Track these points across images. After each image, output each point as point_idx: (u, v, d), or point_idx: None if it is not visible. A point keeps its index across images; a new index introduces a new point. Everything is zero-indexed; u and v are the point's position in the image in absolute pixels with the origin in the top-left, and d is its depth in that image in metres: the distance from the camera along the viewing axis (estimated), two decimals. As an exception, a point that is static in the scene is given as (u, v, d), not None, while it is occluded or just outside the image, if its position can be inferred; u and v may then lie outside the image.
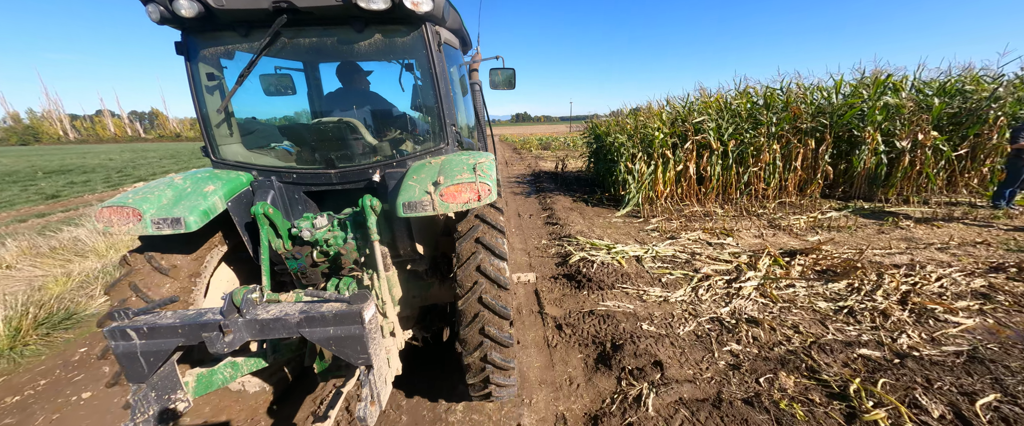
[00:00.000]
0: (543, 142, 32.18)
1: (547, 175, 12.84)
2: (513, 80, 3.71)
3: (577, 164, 15.24)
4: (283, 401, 2.94)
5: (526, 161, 18.67)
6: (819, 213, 6.79)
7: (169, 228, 2.01)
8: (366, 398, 1.63)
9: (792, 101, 7.47)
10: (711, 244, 5.54)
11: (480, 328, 2.19)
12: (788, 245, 5.40)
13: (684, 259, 4.99)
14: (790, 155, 7.50)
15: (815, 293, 4.00)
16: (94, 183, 14.28)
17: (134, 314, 1.63)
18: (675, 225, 6.52)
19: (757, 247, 5.37)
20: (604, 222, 7.02)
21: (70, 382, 3.26)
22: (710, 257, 4.99)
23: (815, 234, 5.84)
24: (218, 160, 2.52)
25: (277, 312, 1.63)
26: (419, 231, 2.54)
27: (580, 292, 4.21)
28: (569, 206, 8.18)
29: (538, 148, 27.98)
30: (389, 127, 3.02)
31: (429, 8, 2.15)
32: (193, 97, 2.39)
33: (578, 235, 5.94)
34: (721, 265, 4.75)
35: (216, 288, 2.56)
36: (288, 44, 2.31)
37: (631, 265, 4.82)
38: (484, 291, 2.16)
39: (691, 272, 4.59)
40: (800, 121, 7.37)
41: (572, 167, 14.24)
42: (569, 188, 10.26)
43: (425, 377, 3.07)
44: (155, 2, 2.01)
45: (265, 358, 2.16)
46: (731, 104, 7.85)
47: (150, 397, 1.67)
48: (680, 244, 5.60)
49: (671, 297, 4.02)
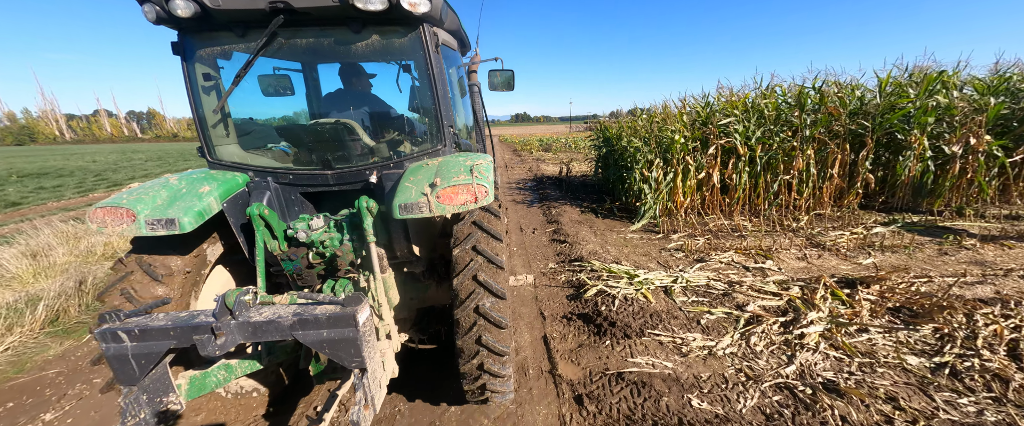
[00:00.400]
0: (544, 143, 31.25)
1: (550, 181, 11.98)
2: (512, 81, 3.65)
3: (582, 168, 14.41)
4: (278, 403, 2.87)
5: (527, 164, 17.81)
6: (862, 228, 5.97)
7: (163, 229, 1.98)
8: (360, 401, 1.62)
9: (828, 101, 6.64)
10: (749, 269, 4.71)
11: (477, 338, 2.14)
12: (840, 270, 4.58)
13: (721, 290, 4.15)
14: (826, 161, 6.68)
15: (898, 342, 3.18)
16: (65, 188, 13.38)
17: (125, 316, 1.62)
18: (701, 243, 5.69)
19: (804, 272, 4.54)
20: (619, 238, 6.19)
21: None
22: (753, 288, 4.16)
23: (866, 255, 5.01)
24: (214, 161, 2.49)
25: (270, 314, 1.62)
26: (416, 233, 2.51)
27: (601, 341, 3.37)
28: (577, 219, 7.33)
29: (539, 150, 26.96)
30: (387, 128, 3.00)
31: (427, 9, 2.12)
32: (189, 97, 2.36)
33: (592, 258, 5.10)
34: (769, 299, 3.92)
35: (211, 290, 2.51)
36: (285, 45, 2.29)
37: (659, 299, 3.98)
38: (481, 300, 2.11)
39: (733, 309, 3.76)
40: (836, 123, 6.55)
41: (577, 171, 13.40)
42: (575, 196, 9.42)
43: (423, 379, 3.01)
44: (151, 2, 1.98)
45: (260, 360, 2.11)
46: (758, 104, 7.02)
47: (141, 400, 1.65)
48: (711, 267, 4.78)
49: (717, 348, 3.19)
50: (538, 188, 10.91)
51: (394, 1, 2.03)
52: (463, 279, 2.15)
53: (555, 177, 12.49)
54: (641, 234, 6.38)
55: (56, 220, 7.20)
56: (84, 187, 13.39)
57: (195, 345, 1.57)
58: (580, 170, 13.83)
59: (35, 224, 6.69)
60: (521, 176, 13.76)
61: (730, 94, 7.30)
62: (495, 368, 2.21)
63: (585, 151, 24.57)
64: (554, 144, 29.29)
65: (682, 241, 5.84)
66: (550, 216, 7.59)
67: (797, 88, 6.93)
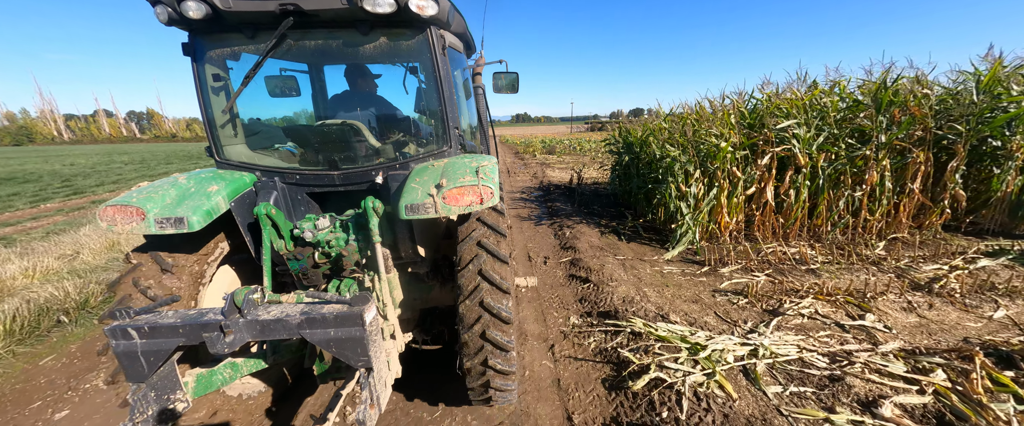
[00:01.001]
0: (547, 145, 29.70)
1: (560, 190, 10.69)
2: (516, 84, 3.67)
3: (592, 174, 13.14)
4: (282, 402, 2.88)
5: (531, 169, 16.39)
6: (961, 260, 4.72)
7: (172, 228, 2.02)
8: (365, 401, 1.62)
9: (909, 100, 5.38)
10: (845, 328, 3.46)
11: (481, 332, 2.14)
12: (970, 330, 3.34)
13: (824, 370, 2.89)
14: (905, 173, 5.43)
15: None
16: (20, 197, 12.01)
17: (135, 313, 1.64)
18: (762, 281, 4.43)
19: (922, 333, 3.31)
20: (654, 274, 4.92)
21: None
22: (869, 367, 2.90)
23: (990, 302, 3.77)
24: (222, 160, 2.52)
25: (278, 313, 1.64)
26: (421, 233, 2.54)
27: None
28: (597, 243, 6.05)
29: (542, 152, 25.35)
30: (393, 129, 3.02)
31: (434, 12, 2.15)
32: (198, 97, 2.39)
33: (628, 310, 3.81)
34: (903, 389, 2.66)
35: (217, 289, 2.51)
36: (294, 46, 2.33)
37: (742, 391, 2.72)
38: (485, 294, 2.13)
39: (858, 409, 2.51)
40: (918, 127, 5.29)
41: (587, 177, 12.12)
42: (590, 211, 8.12)
43: (425, 380, 3.02)
44: (163, 3, 2.02)
45: (265, 359, 2.13)
46: (819, 103, 5.76)
47: (149, 397, 1.67)
48: (793, 323, 3.53)
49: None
50: (546, 199, 9.62)
51: (402, 4, 2.05)
52: (468, 273, 2.16)
53: (565, 186, 11.20)
54: (681, 266, 5.12)
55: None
56: (40, 197, 11.96)
57: (204, 343, 1.58)
58: (590, 176, 12.56)
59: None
60: (526, 184, 12.44)
61: (789, 91, 6.01)
62: (500, 365, 2.18)
63: (591, 154, 23.07)
64: (557, 146, 28.20)
65: (737, 278, 4.59)
66: (564, 239, 6.31)
67: (872, 84, 5.66)
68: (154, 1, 2.01)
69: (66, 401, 3.05)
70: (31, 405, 3.03)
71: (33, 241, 6.97)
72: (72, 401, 3.05)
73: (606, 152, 11.24)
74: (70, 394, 3.13)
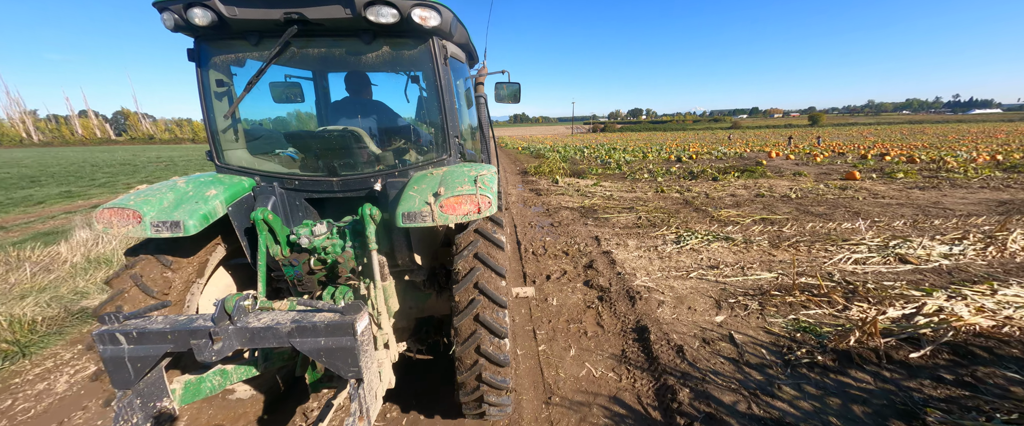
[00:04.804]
0: (564, 154, 22.42)
1: None
2: (518, 94, 3.72)
3: (727, 211, 8.20)
4: (273, 410, 2.83)
5: (547, 202, 9.90)
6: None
7: (168, 231, 2.02)
8: (354, 413, 1.61)
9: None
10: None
11: (476, 347, 2.13)
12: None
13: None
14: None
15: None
16: None
17: (124, 318, 1.61)
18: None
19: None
20: None
21: None
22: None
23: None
24: (222, 165, 2.53)
25: (268, 321, 1.61)
26: (418, 242, 2.51)
27: None
28: None
29: (563, 171, 16.04)
30: (393, 137, 3.04)
31: (437, 23, 2.18)
32: (201, 102, 2.42)
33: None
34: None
35: (212, 293, 2.52)
36: (298, 53, 2.37)
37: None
38: (482, 309, 2.11)
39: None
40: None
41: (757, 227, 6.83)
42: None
43: (420, 391, 2.93)
44: (170, 10, 2.05)
45: (256, 366, 2.11)
46: None
47: (135, 404, 1.64)
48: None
49: None
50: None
51: (405, 14, 2.08)
52: (464, 287, 2.15)
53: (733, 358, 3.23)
54: None
55: None
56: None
57: (192, 349, 1.55)
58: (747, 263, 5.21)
59: None
60: (552, 269, 5.38)
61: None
62: (494, 380, 2.17)
63: (655, 163, 16.96)
64: (578, 157, 20.79)
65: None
66: None
67: None
68: (161, 7, 2.05)
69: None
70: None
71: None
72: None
73: (675, 171, 9.48)
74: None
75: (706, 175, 13.95)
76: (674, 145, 37.34)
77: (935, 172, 12.99)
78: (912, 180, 11.80)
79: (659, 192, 11.11)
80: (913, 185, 10.95)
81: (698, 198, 10.02)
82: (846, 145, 29.96)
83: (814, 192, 10.36)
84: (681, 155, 22.62)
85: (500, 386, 2.19)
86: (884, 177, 12.52)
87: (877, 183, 11.49)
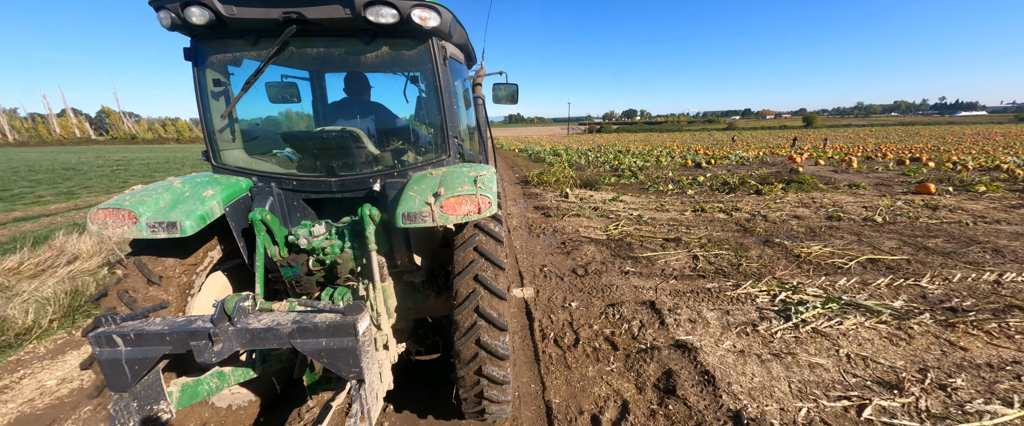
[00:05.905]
0: (571, 159, 20.33)
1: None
2: (516, 95, 3.74)
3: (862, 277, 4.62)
4: (270, 412, 2.82)
5: (560, 228, 7.40)
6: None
7: (164, 232, 1.99)
8: (355, 414, 1.59)
9: None
10: None
11: (476, 339, 2.12)
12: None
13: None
14: None
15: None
16: None
17: (122, 319, 1.59)
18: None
19: None
20: None
21: None
22: None
23: None
24: (219, 165, 2.51)
25: (269, 322, 1.59)
26: (417, 242, 2.53)
27: None
28: None
29: (572, 182, 13.01)
30: (392, 137, 3.03)
31: (436, 24, 2.19)
32: (198, 102, 2.39)
33: None
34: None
35: (208, 295, 2.50)
36: (296, 53, 2.36)
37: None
38: (481, 300, 2.12)
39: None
40: None
41: None
42: None
43: (418, 392, 2.94)
44: (167, 9, 2.03)
45: (254, 368, 2.07)
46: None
47: (132, 407, 1.62)
48: None
49: None
50: None
51: (405, 15, 2.08)
52: (464, 279, 2.16)
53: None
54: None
55: None
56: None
57: (190, 351, 1.53)
58: None
59: None
60: None
61: None
62: (495, 373, 2.15)
63: (673, 169, 15.08)
64: (583, 161, 19.02)
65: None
66: None
67: None
68: (158, 6, 2.04)
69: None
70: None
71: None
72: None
73: (702, 180, 8.04)
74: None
75: (746, 186, 11.43)
76: (677, 147, 35.73)
77: (1015, 184, 10.56)
78: (1000, 194, 9.55)
79: (698, 212, 8.60)
80: (1012, 203, 8.71)
81: (755, 222, 7.50)
82: (853, 148, 28.93)
83: (898, 212, 8.04)
84: (698, 159, 20.25)
85: (501, 380, 2.17)
86: (960, 190, 10.23)
87: (963, 199, 9.21)
